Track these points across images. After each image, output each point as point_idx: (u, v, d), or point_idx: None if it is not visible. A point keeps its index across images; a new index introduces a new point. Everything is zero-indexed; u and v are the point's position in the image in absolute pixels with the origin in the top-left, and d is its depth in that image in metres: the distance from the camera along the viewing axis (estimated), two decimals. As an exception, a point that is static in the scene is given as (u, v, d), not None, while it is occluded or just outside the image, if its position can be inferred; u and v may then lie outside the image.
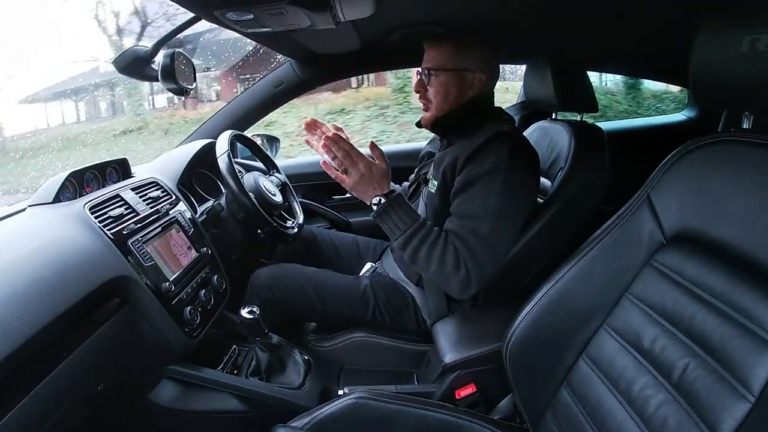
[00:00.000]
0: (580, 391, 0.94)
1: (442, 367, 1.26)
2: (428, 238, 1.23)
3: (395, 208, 1.24)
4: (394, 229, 1.24)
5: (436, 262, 1.22)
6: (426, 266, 1.24)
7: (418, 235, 1.23)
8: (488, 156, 1.24)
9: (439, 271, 1.23)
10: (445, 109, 1.37)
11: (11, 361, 0.77)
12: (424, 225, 1.24)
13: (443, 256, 1.22)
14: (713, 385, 0.70)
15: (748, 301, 0.69)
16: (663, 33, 1.43)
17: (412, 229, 1.23)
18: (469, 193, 1.26)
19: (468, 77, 1.34)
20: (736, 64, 0.77)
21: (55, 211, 1.15)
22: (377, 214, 1.25)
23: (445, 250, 1.22)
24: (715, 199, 0.80)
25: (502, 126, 1.32)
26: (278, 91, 1.95)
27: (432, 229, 1.25)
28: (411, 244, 1.23)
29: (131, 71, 1.34)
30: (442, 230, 1.26)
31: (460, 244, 1.22)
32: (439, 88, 1.36)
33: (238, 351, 1.40)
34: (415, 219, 1.24)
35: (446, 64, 1.34)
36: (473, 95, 1.36)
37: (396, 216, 1.24)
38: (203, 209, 1.58)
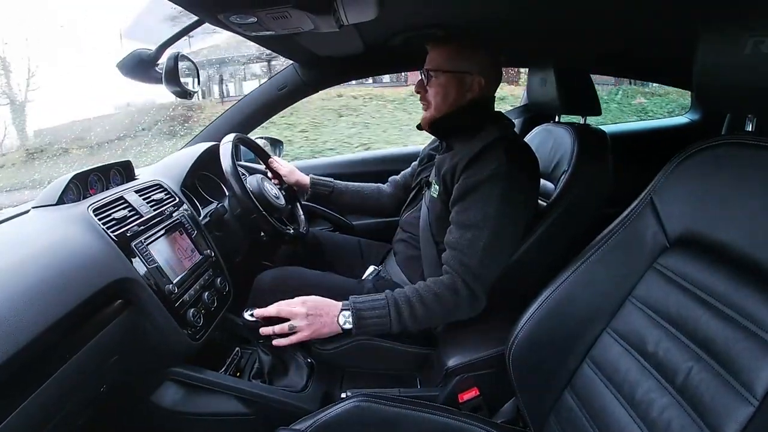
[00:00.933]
0: (584, 395, 0.93)
1: (445, 371, 1.26)
2: (411, 301, 1.24)
3: (363, 308, 1.24)
4: (380, 323, 1.23)
5: (438, 307, 1.23)
6: (433, 318, 1.26)
7: (401, 306, 1.23)
8: (486, 163, 1.25)
9: (445, 311, 1.25)
10: (444, 111, 1.37)
11: (14, 361, 0.77)
12: (393, 296, 1.25)
13: (438, 297, 1.23)
14: (717, 388, 0.69)
15: (751, 304, 0.69)
16: (666, 36, 1.43)
17: (393, 309, 1.23)
18: (467, 202, 1.26)
19: (467, 80, 1.34)
20: (740, 67, 0.76)
21: (59, 213, 1.15)
22: (356, 328, 1.23)
23: (434, 290, 1.24)
24: (718, 202, 0.80)
25: (502, 131, 1.32)
26: (282, 94, 1.96)
27: (403, 292, 1.26)
28: (404, 317, 1.23)
29: (135, 74, 1.35)
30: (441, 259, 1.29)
31: (457, 262, 1.24)
32: (438, 89, 1.36)
33: (240, 353, 1.40)
34: (384, 300, 1.25)
35: (446, 66, 1.35)
36: (472, 98, 1.36)
37: (370, 313, 1.23)
38: (207, 212, 1.58)
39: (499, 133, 1.30)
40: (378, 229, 2.10)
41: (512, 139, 1.31)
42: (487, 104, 1.41)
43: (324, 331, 1.23)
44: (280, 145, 2.21)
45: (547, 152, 1.61)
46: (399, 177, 1.87)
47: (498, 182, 1.23)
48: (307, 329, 1.22)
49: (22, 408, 0.79)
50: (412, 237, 1.55)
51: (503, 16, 1.26)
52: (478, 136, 1.32)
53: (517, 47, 1.73)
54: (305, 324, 1.21)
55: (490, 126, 1.34)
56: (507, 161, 1.23)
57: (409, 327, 1.24)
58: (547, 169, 1.58)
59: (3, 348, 0.76)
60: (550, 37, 1.49)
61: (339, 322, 1.23)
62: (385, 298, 1.25)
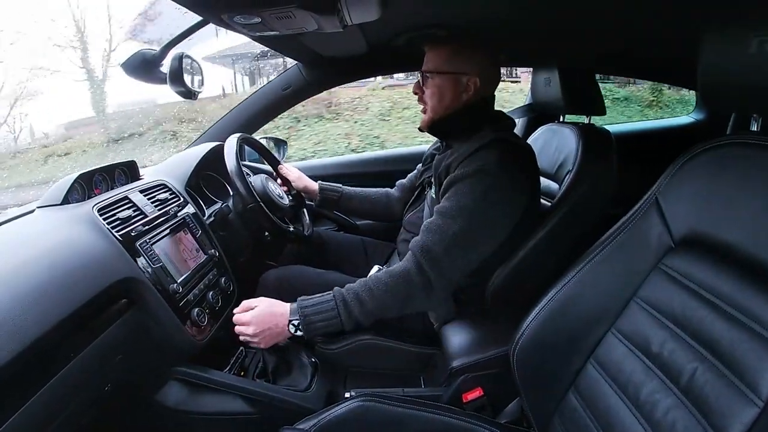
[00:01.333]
0: (588, 396, 0.93)
1: (449, 371, 1.26)
2: (360, 296, 1.22)
3: (310, 313, 1.22)
4: (330, 325, 1.21)
5: (389, 299, 1.21)
6: (386, 309, 1.23)
7: (350, 304, 1.21)
8: (476, 160, 1.24)
9: (398, 302, 1.22)
10: (440, 112, 1.37)
11: (19, 360, 0.78)
12: (342, 294, 1.23)
13: (388, 288, 1.22)
14: (722, 389, 0.69)
15: (757, 304, 0.69)
16: (671, 35, 1.42)
17: (342, 308, 1.21)
18: (449, 193, 1.25)
19: (463, 81, 1.33)
20: (745, 66, 0.76)
21: (64, 213, 1.15)
22: (307, 333, 1.21)
23: (384, 281, 1.22)
24: (723, 203, 0.80)
25: (499, 132, 1.31)
26: (286, 94, 1.96)
27: (353, 288, 1.24)
28: (354, 314, 1.21)
29: (139, 74, 1.35)
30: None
31: (419, 244, 1.23)
32: (434, 90, 1.36)
33: (245, 353, 1.41)
34: (331, 300, 1.22)
35: (441, 67, 1.35)
36: (468, 99, 1.35)
37: (318, 317, 1.21)
38: (211, 211, 1.58)
39: (495, 135, 1.29)
40: (382, 229, 2.10)
41: (508, 140, 1.30)
42: (485, 105, 1.40)
43: (278, 339, 1.23)
44: (284, 146, 2.21)
45: (552, 152, 1.61)
46: (406, 180, 1.86)
47: (482, 178, 1.22)
48: (261, 342, 1.22)
49: (27, 406, 0.80)
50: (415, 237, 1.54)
51: (507, 16, 1.25)
52: (474, 137, 1.31)
53: (521, 47, 1.73)
54: (256, 340, 1.22)
55: (488, 127, 1.33)
56: (497, 160, 1.22)
57: (362, 323, 1.22)
58: (551, 169, 1.58)
59: (8, 347, 0.77)
60: (554, 36, 1.49)
61: (290, 331, 1.22)
62: (333, 297, 1.22)
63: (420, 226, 1.49)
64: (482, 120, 1.36)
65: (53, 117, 7.78)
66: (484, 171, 1.22)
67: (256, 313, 1.23)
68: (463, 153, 1.28)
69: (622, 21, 1.27)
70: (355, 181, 2.14)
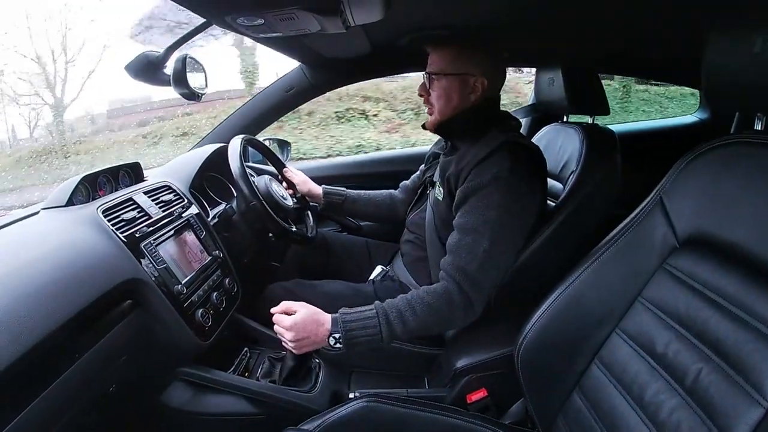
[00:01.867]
0: (593, 396, 0.93)
1: (453, 371, 1.26)
2: (402, 314, 1.18)
3: (352, 328, 1.18)
4: (370, 340, 1.17)
5: (430, 319, 1.19)
6: (425, 329, 1.21)
7: (392, 321, 1.18)
8: (489, 167, 1.23)
9: (439, 322, 1.20)
10: (448, 114, 1.36)
11: (24, 361, 0.78)
12: (384, 310, 1.20)
13: (431, 309, 1.19)
14: (727, 390, 0.69)
15: (761, 304, 0.68)
16: (675, 35, 1.42)
17: (384, 324, 1.18)
18: (468, 205, 1.24)
19: (470, 81, 1.33)
20: (749, 65, 0.76)
21: (69, 214, 1.16)
22: (347, 348, 1.16)
23: (427, 301, 1.19)
24: (728, 202, 0.79)
25: (507, 134, 1.30)
26: (289, 95, 1.96)
27: (395, 304, 1.20)
28: (395, 331, 1.18)
29: (143, 76, 1.35)
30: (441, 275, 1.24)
31: (454, 266, 1.21)
32: (441, 92, 1.35)
33: (249, 354, 1.41)
34: (374, 316, 1.19)
35: (447, 69, 1.34)
36: (476, 99, 1.34)
37: (360, 332, 1.17)
38: (215, 213, 1.59)
39: (504, 137, 1.28)
40: (385, 230, 2.10)
41: (518, 142, 1.29)
42: (492, 105, 1.40)
43: (315, 348, 1.19)
44: (287, 147, 2.21)
45: (556, 152, 1.60)
46: (409, 182, 1.86)
47: (499, 186, 1.21)
48: (296, 348, 1.18)
49: (32, 407, 0.80)
50: (419, 238, 1.54)
51: (510, 16, 1.25)
52: (483, 140, 1.30)
53: (525, 47, 1.73)
54: (292, 345, 1.17)
55: (496, 128, 1.32)
56: (510, 166, 1.21)
57: (401, 338, 1.20)
58: (555, 169, 1.57)
59: (13, 347, 0.77)
60: (558, 36, 1.49)
61: (329, 343, 1.17)
62: (376, 313, 1.19)
63: (423, 227, 1.49)
64: (489, 121, 1.36)
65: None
66: (500, 179, 1.21)
67: (298, 318, 1.17)
68: (473, 158, 1.27)
69: (625, 21, 1.27)
70: (358, 182, 2.14)
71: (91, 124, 7.87)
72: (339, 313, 1.19)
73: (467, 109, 1.35)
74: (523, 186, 1.24)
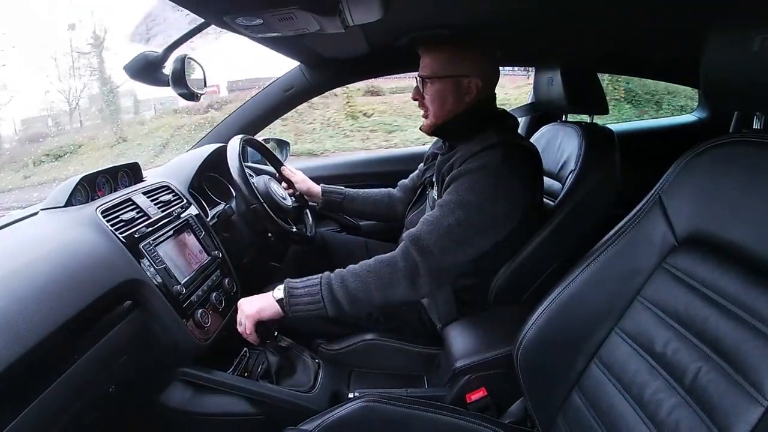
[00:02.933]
0: (592, 396, 0.93)
1: (452, 371, 1.26)
2: (344, 277, 1.19)
3: (293, 281, 1.21)
4: (313, 301, 1.18)
5: (372, 280, 1.18)
6: (368, 294, 1.19)
7: (333, 283, 1.19)
8: (480, 158, 1.23)
9: (381, 285, 1.18)
10: (443, 117, 1.36)
11: (24, 361, 0.78)
12: (328, 274, 1.21)
13: (372, 270, 1.19)
14: (726, 389, 0.69)
15: (761, 304, 0.68)
16: (673, 34, 1.42)
17: (325, 283, 1.19)
18: (451, 188, 1.24)
19: (463, 83, 1.32)
20: (748, 64, 0.76)
21: (68, 215, 1.16)
22: (288, 298, 1.19)
23: (369, 263, 1.20)
24: (727, 201, 0.79)
25: (503, 134, 1.30)
26: (288, 95, 1.96)
27: (339, 270, 1.22)
28: (337, 295, 1.18)
29: (142, 76, 1.35)
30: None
31: (410, 234, 1.21)
32: (435, 95, 1.34)
33: (248, 354, 1.41)
34: (317, 277, 1.21)
35: (440, 71, 1.33)
36: (471, 100, 1.34)
37: (301, 285, 1.20)
38: (214, 213, 1.59)
39: (499, 136, 1.27)
40: (384, 230, 2.10)
41: (513, 141, 1.29)
42: (488, 104, 1.39)
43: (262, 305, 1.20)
44: (287, 146, 2.21)
45: (554, 151, 1.61)
46: (408, 180, 1.86)
47: (485, 174, 1.20)
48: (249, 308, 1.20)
49: (32, 407, 0.80)
50: None
51: (509, 16, 1.25)
52: (478, 138, 1.30)
53: (523, 47, 1.73)
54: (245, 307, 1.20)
55: (492, 128, 1.32)
56: (499, 160, 1.21)
57: (344, 305, 1.18)
58: (554, 168, 1.58)
59: (13, 348, 0.77)
60: (557, 36, 1.49)
61: (274, 295, 1.20)
62: (319, 276, 1.21)
63: None
64: (486, 121, 1.35)
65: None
66: (488, 168, 1.21)
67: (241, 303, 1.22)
68: (466, 152, 1.27)
69: (624, 20, 1.27)
70: (356, 181, 2.15)
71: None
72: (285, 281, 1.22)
73: (463, 111, 1.35)
74: (513, 179, 1.23)
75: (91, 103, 7.98)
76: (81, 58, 7.55)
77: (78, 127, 7.69)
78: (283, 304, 1.18)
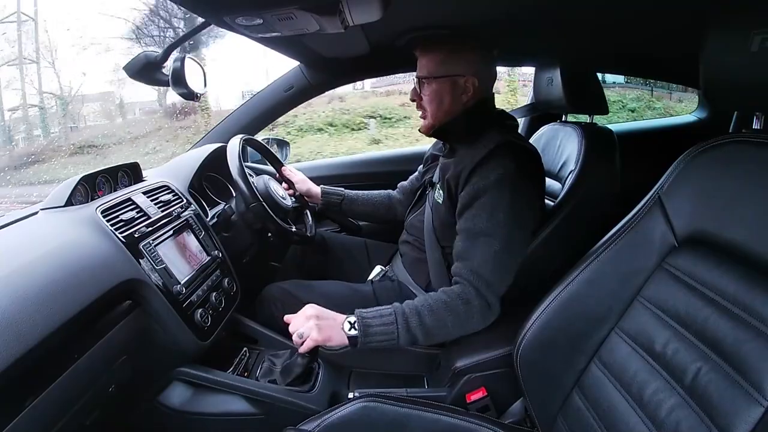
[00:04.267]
0: (592, 396, 0.93)
1: (452, 371, 1.26)
2: (419, 311, 1.18)
3: (368, 317, 1.18)
4: (386, 332, 1.16)
5: (449, 318, 1.17)
6: (443, 329, 1.19)
7: (409, 316, 1.17)
8: (492, 169, 1.22)
9: (457, 322, 1.18)
10: (441, 117, 1.36)
11: (23, 362, 0.78)
12: (401, 306, 1.19)
13: (448, 307, 1.18)
14: (726, 389, 0.69)
15: (760, 304, 0.68)
16: (673, 34, 1.42)
17: (400, 318, 1.17)
18: (474, 209, 1.24)
19: (460, 82, 1.32)
20: (747, 64, 0.76)
21: (68, 215, 1.16)
22: (363, 336, 1.15)
23: (444, 300, 1.19)
24: (727, 201, 0.79)
25: (505, 135, 1.30)
26: (288, 95, 1.96)
27: (412, 302, 1.20)
28: (413, 328, 1.17)
29: (142, 76, 1.35)
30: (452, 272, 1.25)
31: (468, 271, 1.20)
32: (433, 96, 1.34)
33: (248, 354, 1.41)
34: (390, 309, 1.19)
35: (437, 72, 1.33)
36: (468, 100, 1.34)
37: (377, 321, 1.17)
38: (214, 213, 1.59)
39: (502, 138, 1.27)
40: (384, 231, 2.10)
41: (516, 143, 1.29)
42: (486, 104, 1.39)
43: (332, 335, 1.16)
44: (287, 147, 2.21)
45: (554, 152, 1.61)
46: (407, 183, 1.86)
47: (505, 187, 1.21)
48: (317, 334, 1.14)
49: (31, 407, 0.80)
50: (417, 240, 1.54)
51: (509, 15, 1.25)
52: (481, 141, 1.30)
53: (523, 46, 1.73)
54: (315, 330, 1.15)
55: (493, 129, 1.32)
56: (513, 166, 1.22)
57: (419, 339, 1.17)
58: (554, 168, 1.58)
59: (13, 348, 0.77)
60: (556, 36, 1.49)
61: (344, 329, 1.16)
62: (392, 308, 1.19)
63: (421, 229, 1.49)
64: (485, 122, 1.35)
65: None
66: (505, 180, 1.21)
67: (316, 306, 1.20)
68: (472, 159, 1.27)
69: (624, 20, 1.27)
70: (356, 181, 2.14)
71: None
72: (356, 311, 1.19)
73: (461, 112, 1.35)
74: (528, 185, 1.25)
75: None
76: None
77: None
78: (356, 341, 1.16)
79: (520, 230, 1.24)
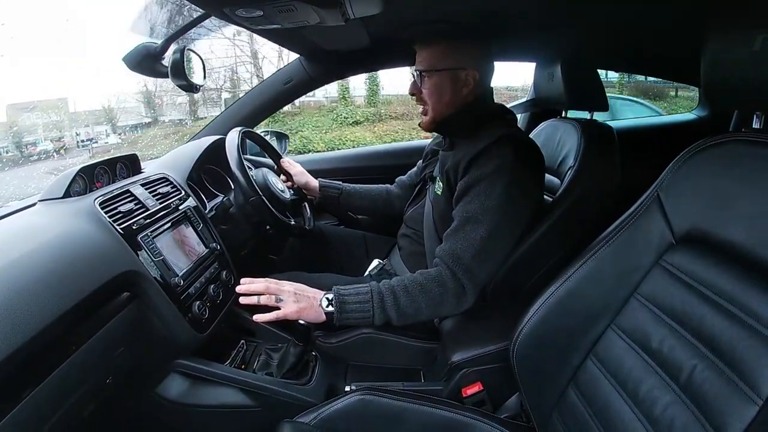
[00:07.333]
0: (588, 392, 0.93)
1: (448, 365, 1.26)
2: (395, 290, 1.22)
3: (344, 294, 1.22)
4: (362, 309, 1.21)
5: (422, 299, 1.21)
6: (417, 310, 1.22)
7: (384, 295, 1.21)
8: (491, 158, 1.23)
9: (430, 304, 1.22)
10: (442, 110, 1.36)
11: (21, 353, 0.78)
12: (378, 286, 1.23)
13: (423, 288, 1.21)
14: (721, 387, 0.69)
15: (757, 303, 0.69)
16: (674, 32, 1.42)
17: (376, 297, 1.21)
18: (469, 196, 1.25)
19: (461, 75, 1.32)
20: (748, 63, 0.76)
21: (66, 206, 1.16)
22: (338, 312, 1.21)
23: (419, 281, 1.22)
24: (725, 200, 0.79)
25: (505, 128, 1.31)
26: (287, 88, 1.96)
27: (388, 282, 1.24)
28: (387, 307, 1.21)
29: (141, 68, 1.35)
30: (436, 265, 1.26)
31: (448, 253, 1.22)
32: (433, 89, 1.35)
33: (246, 346, 1.41)
34: (367, 287, 1.23)
35: (437, 65, 1.33)
36: (468, 93, 1.34)
37: (352, 300, 1.21)
38: (212, 205, 1.58)
39: (502, 131, 1.28)
40: (383, 224, 2.10)
41: (517, 135, 1.29)
42: (486, 97, 1.40)
43: (308, 311, 1.20)
44: (285, 139, 2.21)
45: (554, 148, 1.60)
46: (406, 177, 1.86)
47: (501, 177, 1.21)
48: (293, 306, 1.19)
49: (29, 398, 0.80)
50: (416, 233, 1.54)
51: (509, 10, 1.25)
52: (481, 134, 1.30)
53: (524, 41, 1.72)
54: (292, 300, 1.20)
55: (494, 122, 1.32)
56: (513, 158, 1.22)
57: (393, 319, 1.22)
58: (553, 164, 1.57)
59: (11, 339, 0.77)
60: (557, 31, 1.49)
61: (322, 305, 1.21)
62: (369, 286, 1.23)
63: (420, 222, 1.49)
64: (486, 115, 1.35)
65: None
66: (502, 169, 1.21)
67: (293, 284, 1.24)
68: (471, 150, 1.27)
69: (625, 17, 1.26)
70: (355, 175, 2.14)
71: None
72: (334, 287, 1.23)
73: (462, 106, 1.35)
74: (525, 178, 1.25)
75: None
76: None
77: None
78: (332, 317, 1.21)
79: (510, 220, 1.25)
